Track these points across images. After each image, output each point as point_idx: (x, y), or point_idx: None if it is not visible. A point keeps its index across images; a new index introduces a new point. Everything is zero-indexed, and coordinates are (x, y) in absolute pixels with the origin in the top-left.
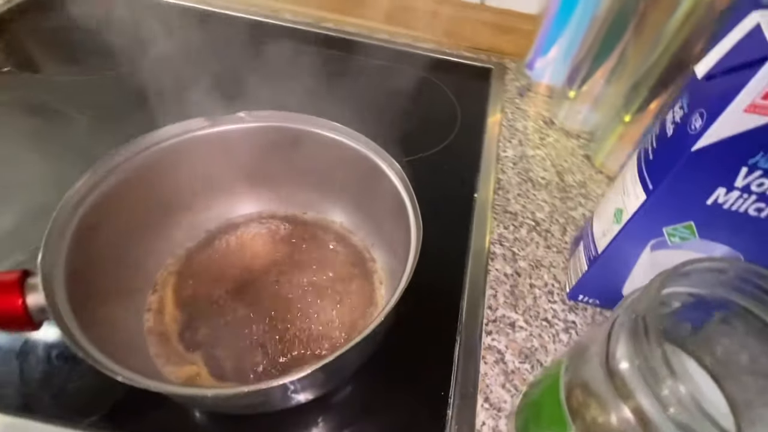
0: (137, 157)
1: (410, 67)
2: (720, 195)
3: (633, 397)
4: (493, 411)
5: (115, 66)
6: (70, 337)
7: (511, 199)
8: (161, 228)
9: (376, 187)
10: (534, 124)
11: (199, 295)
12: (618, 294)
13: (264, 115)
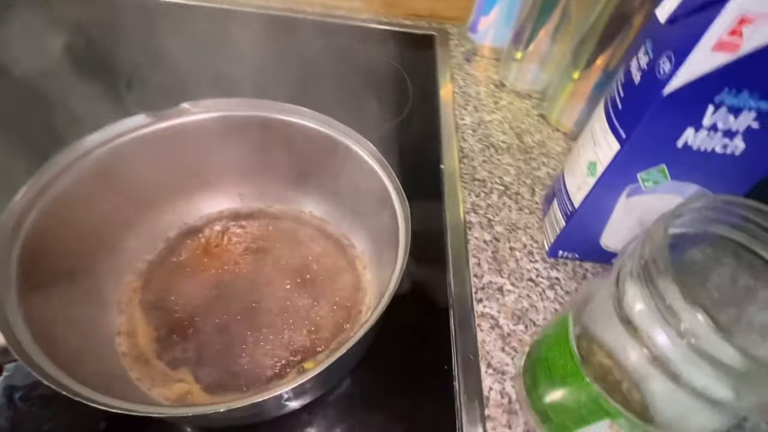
0: (75, 165)
1: (350, 41)
2: (689, 136)
3: (649, 336)
4: (497, 375)
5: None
6: (43, 374)
7: (477, 167)
8: (115, 242)
9: (346, 169)
10: (486, 89)
11: (170, 308)
12: (596, 244)
13: (209, 104)
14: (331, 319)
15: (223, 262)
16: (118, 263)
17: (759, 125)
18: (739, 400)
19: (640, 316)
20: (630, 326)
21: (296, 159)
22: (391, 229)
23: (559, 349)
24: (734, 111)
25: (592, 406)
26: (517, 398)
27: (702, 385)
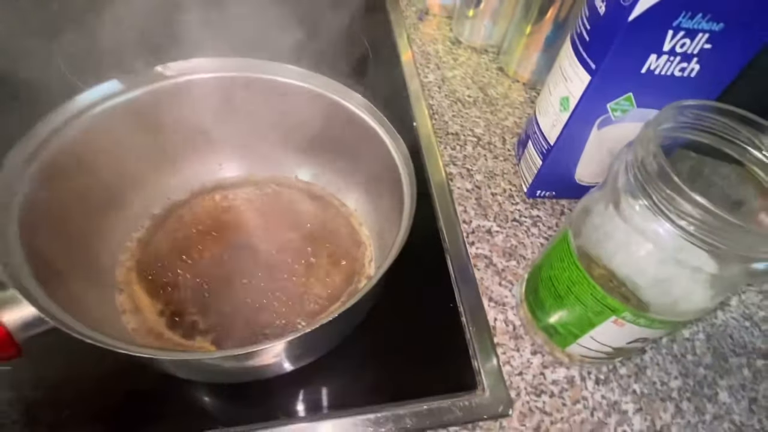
0: (53, 141)
1: (297, 6)
2: (652, 62)
3: (651, 229)
4: (499, 307)
5: None
6: (80, 334)
7: (449, 121)
8: (100, 223)
9: (332, 125)
10: (443, 46)
11: (170, 282)
12: (571, 180)
13: (187, 66)
14: (336, 274)
15: (213, 232)
16: (108, 244)
17: (711, 46)
18: (724, 271)
19: (641, 212)
20: (631, 224)
21: (278, 120)
22: (386, 180)
23: (562, 265)
24: (690, 34)
25: (597, 307)
26: (521, 323)
27: (699, 262)
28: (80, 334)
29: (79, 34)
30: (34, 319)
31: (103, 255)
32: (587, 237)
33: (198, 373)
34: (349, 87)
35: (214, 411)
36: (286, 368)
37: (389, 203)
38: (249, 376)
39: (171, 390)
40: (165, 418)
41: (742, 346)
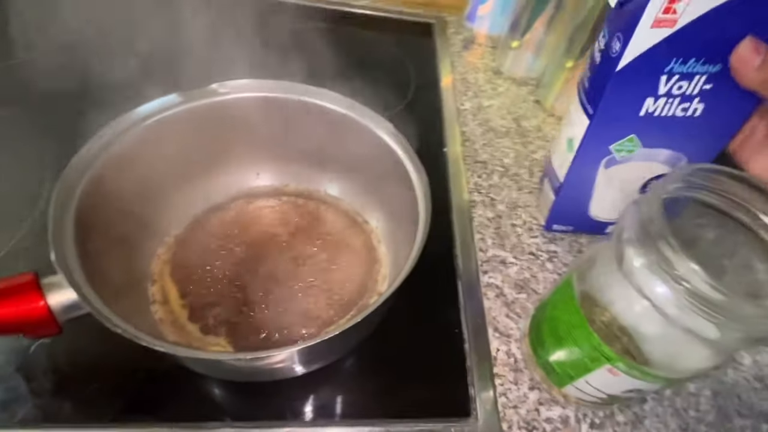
0: (117, 142)
1: (350, 28)
2: (649, 105)
3: (648, 287)
4: (503, 338)
5: (33, 49)
6: (117, 327)
7: (479, 149)
8: (148, 216)
9: (363, 149)
10: (484, 75)
11: (198, 278)
12: (586, 215)
13: (236, 85)
14: (350, 288)
15: (245, 236)
16: (150, 238)
17: (712, 86)
18: (723, 337)
19: (640, 270)
20: (631, 280)
21: (314, 139)
22: (407, 206)
23: (564, 307)
24: (686, 77)
25: (594, 354)
26: (522, 357)
27: (693, 325)
28: (111, 324)
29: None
30: (75, 304)
31: (144, 248)
32: (591, 283)
33: (208, 369)
34: (388, 106)
35: (223, 404)
36: (292, 373)
37: (406, 227)
38: (259, 376)
39: (187, 379)
40: (178, 404)
41: (749, 408)
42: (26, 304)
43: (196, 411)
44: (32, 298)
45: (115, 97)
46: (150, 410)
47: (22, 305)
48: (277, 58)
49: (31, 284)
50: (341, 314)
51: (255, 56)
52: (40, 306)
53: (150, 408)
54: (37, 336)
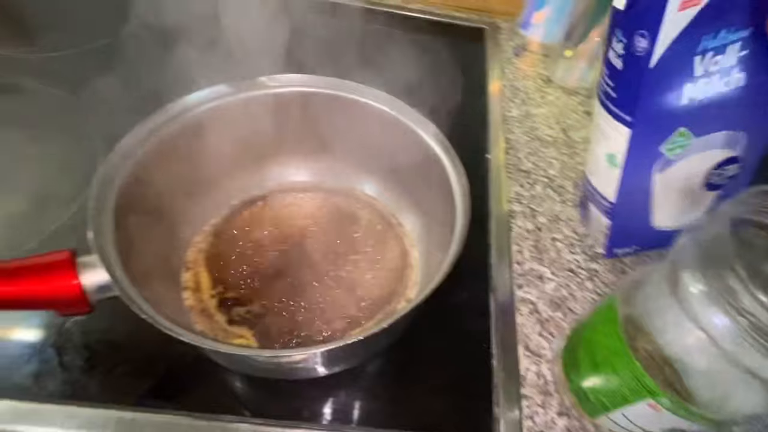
0: (163, 129)
1: (401, 30)
2: (689, 91)
3: (705, 317)
4: (534, 357)
5: (97, 38)
6: (143, 313)
7: (523, 158)
8: (187, 205)
9: (403, 148)
10: (533, 83)
11: (231, 269)
12: (649, 230)
13: (285, 79)
14: (379, 291)
15: (280, 230)
16: (187, 226)
17: (748, 51)
18: None
19: (697, 297)
20: (685, 307)
21: (357, 137)
22: (445, 211)
23: (605, 330)
24: (719, 50)
25: (635, 385)
26: (553, 380)
27: (752, 364)
28: (138, 309)
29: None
30: (107, 285)
31: (181, 235)
32: (636, 307)
33: (229, 362)
34: (433, 109)
35: (242, 397)
36: (314, 374)
37: (441, 232)
38: (279, 374)
39: (210, 370)
40: (199, 394)
41: None
42: (60, 280)
43: (215, 402)
44: (66, 275)
45: (173, 85)
46: (171, 397)
47: (55, 281)
48: (327, 56)
49: (67, 262)
50: (368, 317)
51: (307, 53)
52: (73, 284)
53: (171, 394)
54: (68, 313)
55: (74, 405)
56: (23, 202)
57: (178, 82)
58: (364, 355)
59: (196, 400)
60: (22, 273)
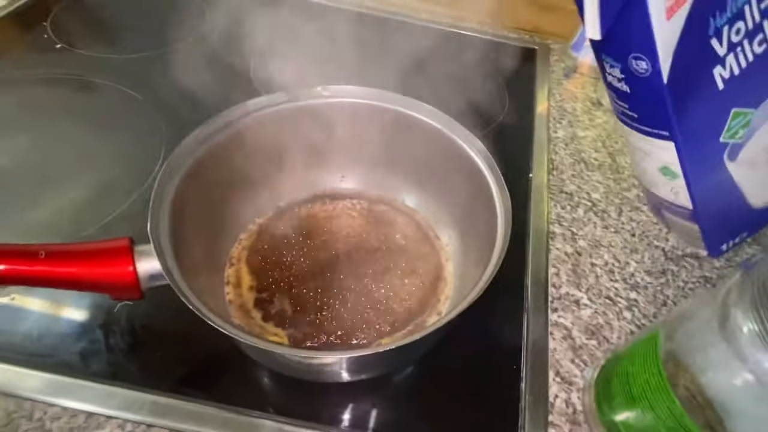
0: (223, 130)
1: (452, 47)
2: (722, 73)
3: (755, 359)
4: (564, 384)
5: (166, 44)
6: (192, 305)
7: (566, 180)
8: (237, 203)
9: (448, 163)
10: (582, 105)
11: (271, 268)
12: (751, 212)
13: (339, 90)
14: (411, 303)
15: (320, 234)
16: (234, 224)
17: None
18: None
19: (749, 337)
20: (734, 347)
21: (403, 149)
22: (484, 228)
23: (644, 364)
24: (737, 18)
25: (672, 424)
26: (583, 410)
27: None
28: (186, 299)
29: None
30: (159, 274)
31: (228, 231)
32: (680, 342)
33: (261, 357)
34: (478, 126)
35: (269, 395)
36: (338, 378)
37: (479, 250)
38: (305, 374)
39: (242, 365)
40: (229, 387)
41: None
42: (117, 266)
43: (244, 396)
44: (124, 261)
45: (235, 90)
46: (203, 387)
47: (113, 266)
48: (381, 70)
49: (125, 249)
50: (398, 328)
51: (360, 65)
52: (128, 270)
53: (203, 384)
54: (120, 298)
55: (114, 385)
56: (86, 191)
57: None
58: (390, 365)
59: (225, 392)
60: (84, 256)
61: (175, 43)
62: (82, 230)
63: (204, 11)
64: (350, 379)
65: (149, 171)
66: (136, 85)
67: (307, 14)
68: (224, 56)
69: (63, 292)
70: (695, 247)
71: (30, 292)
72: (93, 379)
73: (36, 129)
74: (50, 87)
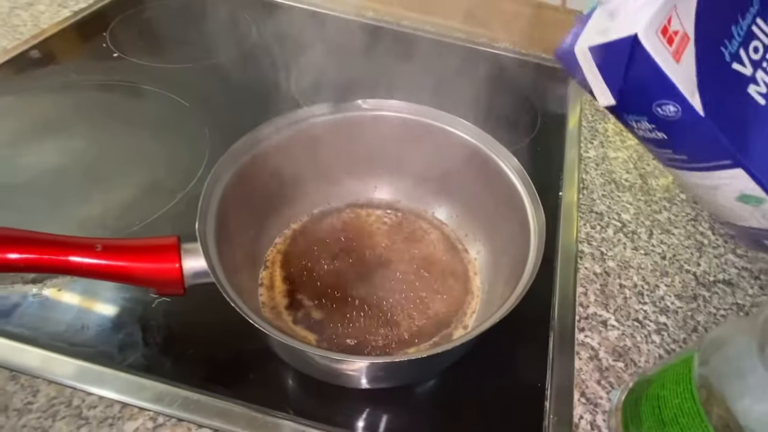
0: (268, 139)
1: (488, 66)
2: (758, 89)
3: None
4: (589, 406)
5: (213, 56)
6: (234, 302)
7: (596, 200)
8: (274, 209)
9: (481, 177)
10: (614, 126)
11: (303, 273)
12: None
13: (378, 103)
14: (438, 313)
15: (351, 242)
16: (271, 228)
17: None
18: None
19: None
20: None
21: (437, 162)
22: (515, 244)
23: (676, 389)
24: (749, 38)
25: None
26: None
27: None
28: (230, 298)
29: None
30: (203, 272)
31: (266, 235)
32: (715, 368)
33: (289, 357)
34: (510, 143)
35: (290, 396)
36: (357, 384)
37: (509, 266)
38: (327, 377)
39: (268, 365)
40: (254, 386)
41: None
42: (165, 261)
43: (267, 396)
44: (171, 258)
45: (276, 102)
46: (230, 384)
47: (161, 261)
48: (418, 85)
49: (173, 246)
50: (422, 339)
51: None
52: (175, 267)
53: (230, 382)
54: (164, 293)
55: (148, 378)
56: (134, 190)
57: (279, 100)
58: (414, 375)
59: (251, 392)
60: (135, 251)
61: (222, 56)
62: (128, 227)
63: (250, 26)
64: (373, 386)
65: (193, 174)
66: (184, 93)
67: (345, 32)
68: (267, 69)
69: (105, 287)
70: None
71: (74, 286)
72: (129, 371)
73: (91, 130)
74: (105, 92)
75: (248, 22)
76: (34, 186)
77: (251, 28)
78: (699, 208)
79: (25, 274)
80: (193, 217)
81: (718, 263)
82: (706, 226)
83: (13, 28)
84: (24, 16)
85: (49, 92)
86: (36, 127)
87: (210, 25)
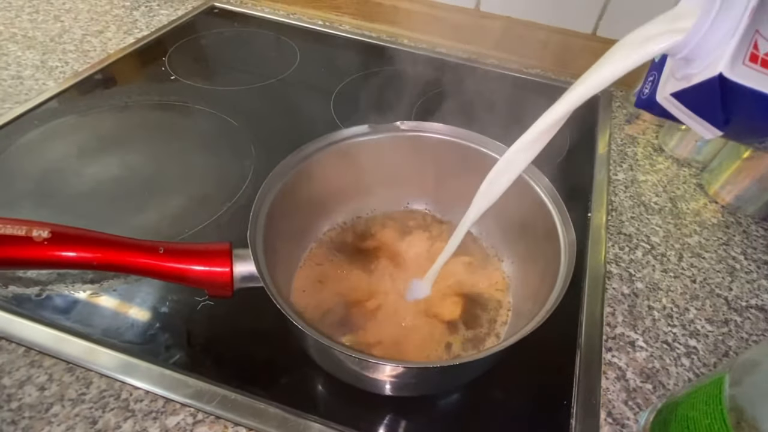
0: (313, 156)
1: (519, 91)
2: None
3: None
4: (616, 426)
5: (260, 80)
6: (279, 304)
7: (625, 221)
8: (313, 218)
9: (514, 196)
10: (643, 150)
11: (335, 279)
12: None
13: (415, 125)
14: (468, 322)
15: (384, 249)
16: (310, 233)
17: None
18: None
19: None
20: None
21: (471, 182)
22: (544, 262)
23: (706, 411)
24: None
25: None
26: None
27: None
28: (276, 300)
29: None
30: (252, 276)
31: (302, 242)
32: (746, 390)
33: (321, 358)
34: (540, 164)
35: (318, 399)
36: (381, 390)
37: (539, 282)
38: (354, 379)
39: (302, 369)
40: (286, 388)
41: None
42: (218, 265)
43: (299, 399)
44: (224, 262)
45: (317, 123)
46: (264, 386)
47: (214, 265)
48: (454, 108)
49: (226, 251)
50: (451, 350)
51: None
52: (226, 271)
53: (265, 384)
54: (214, 295)
55: (191, 376)
56: (185, 200)
57: (320, 121)
58: (442, 383)
59: (283, 393)
60: (192, 254)
61: (268, 80)
62: (179, 234)
63: (296, 53)
64: (400, 393)
65: (239, 187)
66: (233, 113)
67: (381, 57)
68: (309, 93)
69: (154, 291)
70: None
71: (126, 288)
72: (173, 368)
73: (148, 146)
74: (162, 111)
75: (293, 49)
76: (96, 195)
77: (296, 55)
78: (731, 232)
79: (84, 276)
80: (237, 226)
81: (751, 288)
82: (738, 251)
83: (84, 53)
84: (94, 42)
85: (112, 111)
86: (99, 143)
87: (258, 52)
